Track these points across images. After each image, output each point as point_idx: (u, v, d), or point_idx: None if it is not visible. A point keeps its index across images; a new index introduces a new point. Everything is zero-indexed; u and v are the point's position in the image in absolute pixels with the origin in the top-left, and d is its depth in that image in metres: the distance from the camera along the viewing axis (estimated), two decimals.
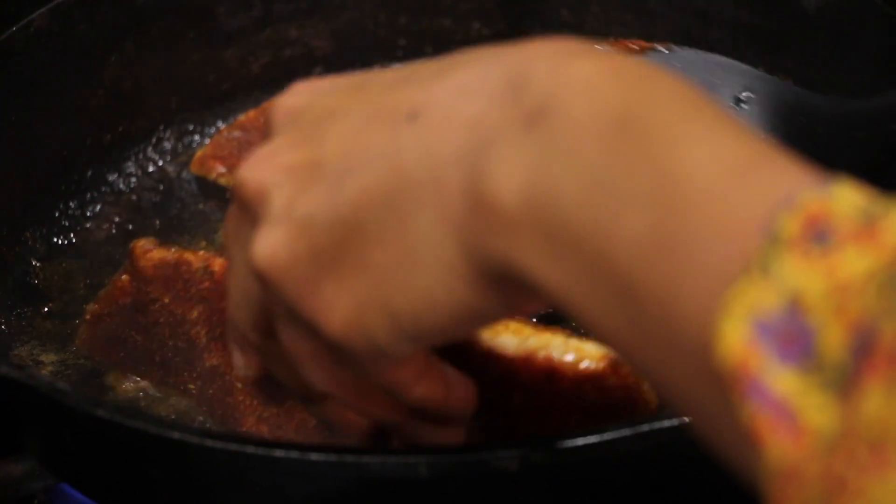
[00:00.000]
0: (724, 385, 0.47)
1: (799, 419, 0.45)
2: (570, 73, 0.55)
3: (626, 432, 0.70)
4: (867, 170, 0.90)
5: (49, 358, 0.93)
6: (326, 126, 0.61)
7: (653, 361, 0.53)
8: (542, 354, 0.79)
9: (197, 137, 1.14)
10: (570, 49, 0.57)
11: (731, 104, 0.91)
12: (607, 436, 0.70)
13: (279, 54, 1.18)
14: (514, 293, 0.58)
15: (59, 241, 1.03)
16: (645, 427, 0.70)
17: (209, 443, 0.70)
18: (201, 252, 0.90)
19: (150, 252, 0.89)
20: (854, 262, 0.46)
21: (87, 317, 0.93)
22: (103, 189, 1.08)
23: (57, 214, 1.04)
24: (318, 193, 0.60)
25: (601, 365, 0.79)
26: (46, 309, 0.97)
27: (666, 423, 0.69)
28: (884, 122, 0.88)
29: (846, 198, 0.47)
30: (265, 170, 0.61)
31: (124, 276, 0.90)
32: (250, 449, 0.70)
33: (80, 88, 1.07)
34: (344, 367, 0.65)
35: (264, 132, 0.65)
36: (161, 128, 1.13)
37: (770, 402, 0.45)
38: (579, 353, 0.79)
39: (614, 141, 0.53)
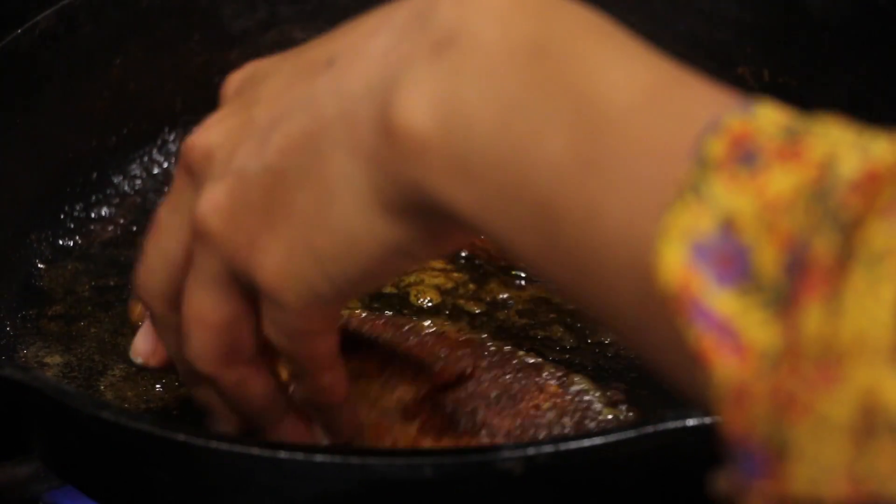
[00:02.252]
0: (667, 308, 0.48)
1: (741, 337, 0.46)
2: (477, 1, 0.56)
3: (630, 434, 0.70)
4: None
5: (54, 360, 0.93)
6: (261, 88, 0.65)
7: (571, 282, 0.54)
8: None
9: None
10: None
11: None
12: (612, 437, 0.70)
13: None
14: (433, 226, 0.59)
15: (64, 244, 1.03)
16: (650, 429, 0.70)
17: (214, 444, 0.71)
18: None
19: None
20: (781, 181, 0.47)
21: None
22: (108, 191, 1.08)
23: (62, 217, 1.04)
24: (249, 146, 0.63)
25: None
26: (52, 311, 0.98)
27: (671, 425, 0.69)
28: None
29: (768, 117, 0.49)
30: (209, 134, 0.65)
31: None
32: (255, 450, 0.70)
33: (85, 90, 1.07)
34: (240, 354, 0.68)
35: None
36: (166, 130, 1.13)
37: (713, 323, 0.46)
38: None
39: (528, 65, 0.54)
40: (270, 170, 0.61)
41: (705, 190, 0.48)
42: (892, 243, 0.44)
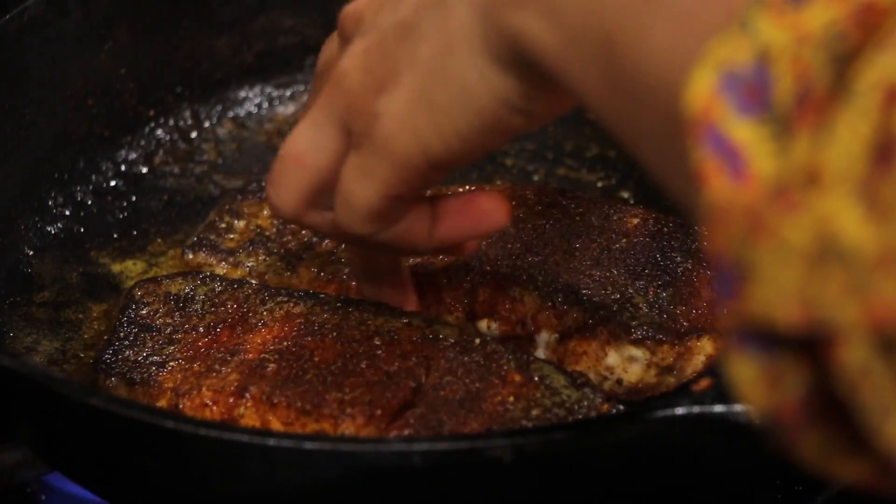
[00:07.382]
0: (683, 128, 0.49)
1: (750, 166, 0.47)
2: None
3: (619, 422, 0.70)
4: None
5: (43, 346, 0.93)
6: None
7: (622, 115, 0.58)
8: None
9: (190, 122, 1.14)
10: None
11: None
12: (601, 426, 0.70)
13: (273, 43, 1.17)
14: (534, 80, 0.65)
15: (52, 230, 1.03)
16: (636, 417, 0.70)
17: (203, 432, 0.71)
18: None
19: None
20: (819, 15, 0.47)
21: None
22: (95, 178, 1.08)
23: (49, 203, 1.04)
24: (389, 5, 0.71)
25: None
26: (39, 298, 0.97)
27: (659, 414, 0.69)
28: None
29: None
30: (360, 2, 0.74)
31: None
32: (244, 438, 0.70)
33: (73, 77, 1.07)
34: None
35: None
36: (152, 115, 1.12)
37: (723, 149, 0.48)
38: None
39: None
40: (403, 23, 0.69)
41: (751, 24, 0.49)
42: (884, 77, 0.44)
